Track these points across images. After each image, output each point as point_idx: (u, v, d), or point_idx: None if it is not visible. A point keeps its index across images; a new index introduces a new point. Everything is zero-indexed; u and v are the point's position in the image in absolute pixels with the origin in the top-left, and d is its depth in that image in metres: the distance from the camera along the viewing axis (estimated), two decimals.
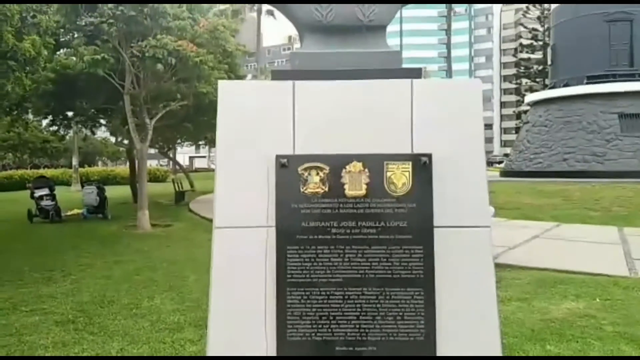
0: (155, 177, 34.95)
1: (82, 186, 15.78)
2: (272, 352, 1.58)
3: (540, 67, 52.82)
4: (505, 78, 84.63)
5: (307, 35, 1.80)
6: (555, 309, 5.15)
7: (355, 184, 1.58)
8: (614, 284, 6.01)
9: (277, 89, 1.63)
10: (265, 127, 1.62)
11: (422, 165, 1.58)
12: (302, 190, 1.59)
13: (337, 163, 1.59)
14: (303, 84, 1.62)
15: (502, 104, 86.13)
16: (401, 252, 1.58)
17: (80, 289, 6.43)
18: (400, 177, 1.58)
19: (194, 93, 13.32)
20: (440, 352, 1.57)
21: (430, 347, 1.57)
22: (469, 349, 1.58)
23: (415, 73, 1.68)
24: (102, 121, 18.83)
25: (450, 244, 1.59)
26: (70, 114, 17.19)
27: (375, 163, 1.59)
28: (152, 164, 48.22)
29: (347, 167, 1.59)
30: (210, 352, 1.59)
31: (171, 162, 35.57)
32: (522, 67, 58.65)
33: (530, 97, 25.04)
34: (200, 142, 28.53)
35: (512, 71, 70.62)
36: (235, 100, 1.64)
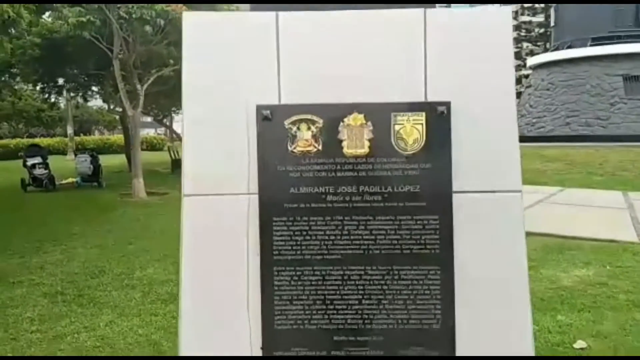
0: (152, 146, 34.57)
1: (75, 155, 15.42)
2: (257, 343, 1.32)
3: (542, 30, 51.55)
4: None
5: None
6: (565, 276, 4.94)
7: (355, 140, 1.28)
8: (623, 250, 5.82)
9: (257, 22, 1.30)
10: (243, 70, 1.31)
11: (438, 116, 1.28)
12: (290, 148, 1.29)
13: (333, 115, 1.29)
14: (289, 15, 1.29)
15: None
16: (412, 223, 1.30)
17: (70, 259, 6.24)
18: (411, 132, 1.28)
19: None
20: (460, 343, 1.31)
21: (447, 337, 1.31)
22: (495, 339, 1.32)
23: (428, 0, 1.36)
24: (94, 88, 18.35)
25: (473, 212, 1.31)
26: (60, 80, 16.72)
27: (380, 114, 1.28)
28: (149, 132, 47.71)
29: (346, 119, 1.28)
30: (184, 345, 1.33)
31: (168, 130, 35.10)
32: (523, 30, 57.22)
33: (533, 60, 24.42)
34: None
35: (512, 35, 69.28)
36: (205, 36, 1.32)
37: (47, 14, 13.00)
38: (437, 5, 1.43)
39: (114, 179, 15.81)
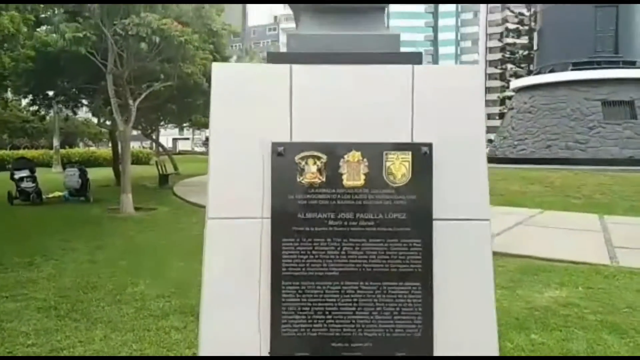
0: (138, 160, 34.48)
1: (64, 168, 15.43)
2: (266, 349, 1.53)
3: (526, 52, 52.73)
4: (490, 63, 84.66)
5: (303, 15, 1.73)
6: (539, 297, 5.20)
7: (353, 174, 1.53)
8: (596, 273, 6.08)
9: (274, 73, 1.55)
10: (261, 112, 1.55)
11: (422, 155, 1.53)
12: (298, 180, 1.53)
13: (335, 152, 1.53)
14: (300, 68, 1.54)
15: (487, 89, 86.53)
16: (399, 245, 1.54)
17: (62, 274, 6.31)
18: (399, 168, 1.52)
19: (178, 74, 13.07)
20: (437, 349, 1.54)
21: (427, 344, 1.54)
22: (466, 345, 1.55)
23: (416, 58, 1.62)
24: (84, 101, 18.43)
25: (449, 237, 1.55)
26: (50, 93, 16.80)
27: (374, 152, 1.53)
28: (134, 145, 47.60)
29: (346, 156, 1.53)
30: (203, 348, 1.53)
31: (154, 144, 35.10)
32: (508, 52, 58.48)
33: (515, 83, 25.13)
34: (184, 125, 28.14)
35: (497, 56, 70.45)
36: (230, 83, 1.56)
37: (42, 27, 13.17)
38: (422, 57, 1.69)
39: (101, 193, 15.83)
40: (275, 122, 1.54)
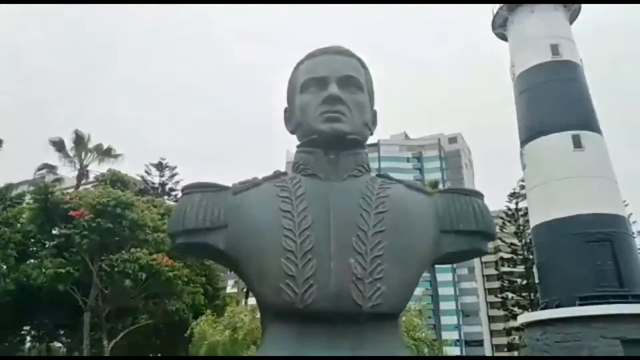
0: None
1: None
2: None
3: (524, 282, 52.18)
4: (489, 291, 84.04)
5: (271, 324, 1.01)
6: None
7: None
8: None
9: None
10: None
11: None
12: None
13: None
14: None
15: (490, 319, 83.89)
16: None
17: None
18: None
19: (164, 309, 12.17)
20: None
21: None
22: None
23: None
24: (62, 337, 17.11)
25: None
26: (26, 328, 15.64)
27: None
28: None
29: None
30: None
31: None
32: (506, 281, 58.04)
33: (523, 318, 23.90)
34: None
35: (496, 284, 70.14)
36: None
37: (29, 261, 12.80)
38: None
39: None
40: None
